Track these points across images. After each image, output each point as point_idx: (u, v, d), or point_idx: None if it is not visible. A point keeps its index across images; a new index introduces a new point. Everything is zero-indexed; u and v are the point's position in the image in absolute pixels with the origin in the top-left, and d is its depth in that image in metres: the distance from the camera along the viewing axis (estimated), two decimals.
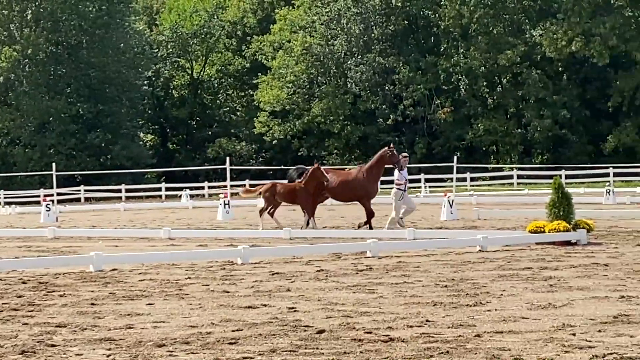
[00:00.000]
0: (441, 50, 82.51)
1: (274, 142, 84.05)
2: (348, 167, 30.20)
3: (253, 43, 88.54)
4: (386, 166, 27.46)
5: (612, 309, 11.70)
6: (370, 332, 10.44)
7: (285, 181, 29.24)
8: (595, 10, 77.50)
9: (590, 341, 9.64)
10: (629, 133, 74.63)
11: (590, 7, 76.92)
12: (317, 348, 9.65)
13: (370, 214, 26.29)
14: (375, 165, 26.94)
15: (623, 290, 13.48)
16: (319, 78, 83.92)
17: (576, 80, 79.45)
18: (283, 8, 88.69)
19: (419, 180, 63.19)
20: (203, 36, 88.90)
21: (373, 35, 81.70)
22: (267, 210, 27.48)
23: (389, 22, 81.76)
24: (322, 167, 27.76)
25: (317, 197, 27.46)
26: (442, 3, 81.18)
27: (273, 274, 16.51)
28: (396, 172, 26.98)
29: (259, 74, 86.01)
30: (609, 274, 15.43)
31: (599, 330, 10.26)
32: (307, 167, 28.29)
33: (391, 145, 27.47)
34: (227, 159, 50.23)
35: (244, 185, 47.66)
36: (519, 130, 78.85)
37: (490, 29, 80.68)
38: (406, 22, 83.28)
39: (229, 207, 36.64)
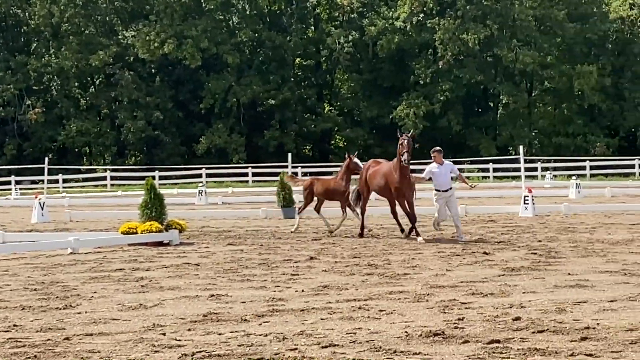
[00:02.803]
0: (32, 49, 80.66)
1: None
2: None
3: None
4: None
5: (202, 308, 11.86)
6: None
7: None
8: (187, 13, 79.08)
9: (180, 340, 9.70)
10: (221, 134, 76.69)
11: (182, 9, 78.36)
12: None
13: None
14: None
15: (213, 289, 13.72)
16: None
17: (169, 82, 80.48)
18: None
19: (9, 182, 61.38)
20: None
21: None
22: (309, 207, 24.66)
23: None
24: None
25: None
26: (31, 1, 79.33)
27: None
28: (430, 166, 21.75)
29: None
30: (200, 274, 15.68)
31: (189, 329, 10.35)
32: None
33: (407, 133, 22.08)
34: None
35: None
36: (113, 131, 78.65)
37: (82, 29, 79.99)
38: None
39: None
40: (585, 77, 75.55)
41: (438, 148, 21.65)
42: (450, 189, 21.36)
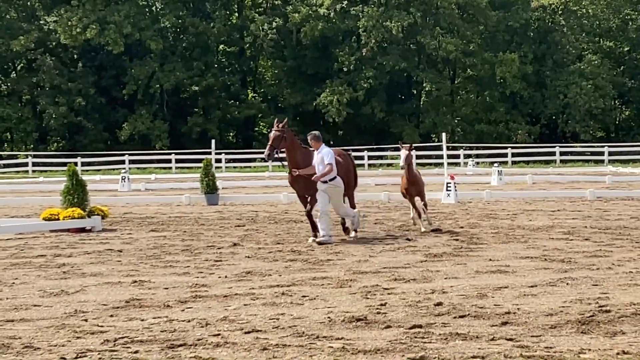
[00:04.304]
0: None
1: None
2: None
3: None
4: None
5: (125, 294, 11.80)
6: None
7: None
8: None
9: (102, 326, 9.64)
10: (144, 121, 76.13)
11: None
12: None
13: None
14: None
15: (136, 275, 13.65)
16: None
17: (91, 67, 79.61)
18: None
19: None
20: None
21: None
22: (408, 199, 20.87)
23: None
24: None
25: None
26: None
27: None
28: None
29: None
30: (123, 260, 15.58)
31: (111, 315, 10.30)
32: None
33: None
34: None
35: None
36: (34, 117, 77.63)
37: (3, 14, 78.78)
38: None
39: None
40: (507, 65, 76.43)
41: (313, 133, 18.57)
42: (333, 179, 17.97)
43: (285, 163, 18.83)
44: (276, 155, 18.67)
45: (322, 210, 17.90)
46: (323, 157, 18.01)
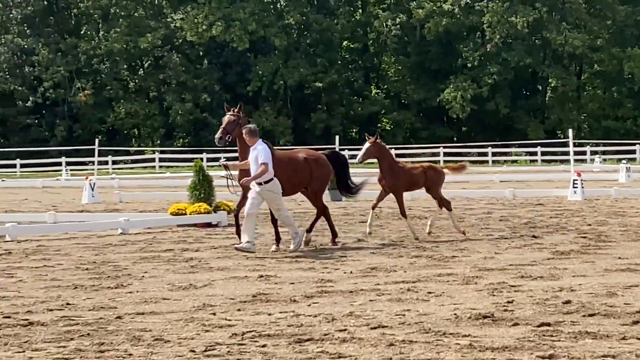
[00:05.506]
0: (81, 32, 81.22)
1: None
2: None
3: None
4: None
5: (252, 288, 11.91)
6: (9, 317, 10.05)
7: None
8: None
9: (230, 320, 9.75)
10: (268, 117, 76.85)
11: None
12: None
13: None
14: None
15: (262, 270, 13.78)
16: None
17: (217, 64, 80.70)
18: None
19: (60, 164, 62.20)
20: None
21: (12, 15, 79.33)
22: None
23: (28, 3, 79.38)
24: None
25: None
26: None
27: None
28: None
29: None
30: (249, 255, 15.72)
31: (239, 309, 10.40)
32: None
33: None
34: None
35: None
36: (161, 113, 79.09)
37: (131, 12, 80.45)
38: (45, 2, 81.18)
39: None
40: (635, 60, 74.83)
41: (249, 126, 16.63)
42: (268, 181, 15.97)
43: (229, 164, 17.39)
44: (228, 140, 17.52)
45: (248, 213, 15.87)
46: (257, 155, 15.92)
